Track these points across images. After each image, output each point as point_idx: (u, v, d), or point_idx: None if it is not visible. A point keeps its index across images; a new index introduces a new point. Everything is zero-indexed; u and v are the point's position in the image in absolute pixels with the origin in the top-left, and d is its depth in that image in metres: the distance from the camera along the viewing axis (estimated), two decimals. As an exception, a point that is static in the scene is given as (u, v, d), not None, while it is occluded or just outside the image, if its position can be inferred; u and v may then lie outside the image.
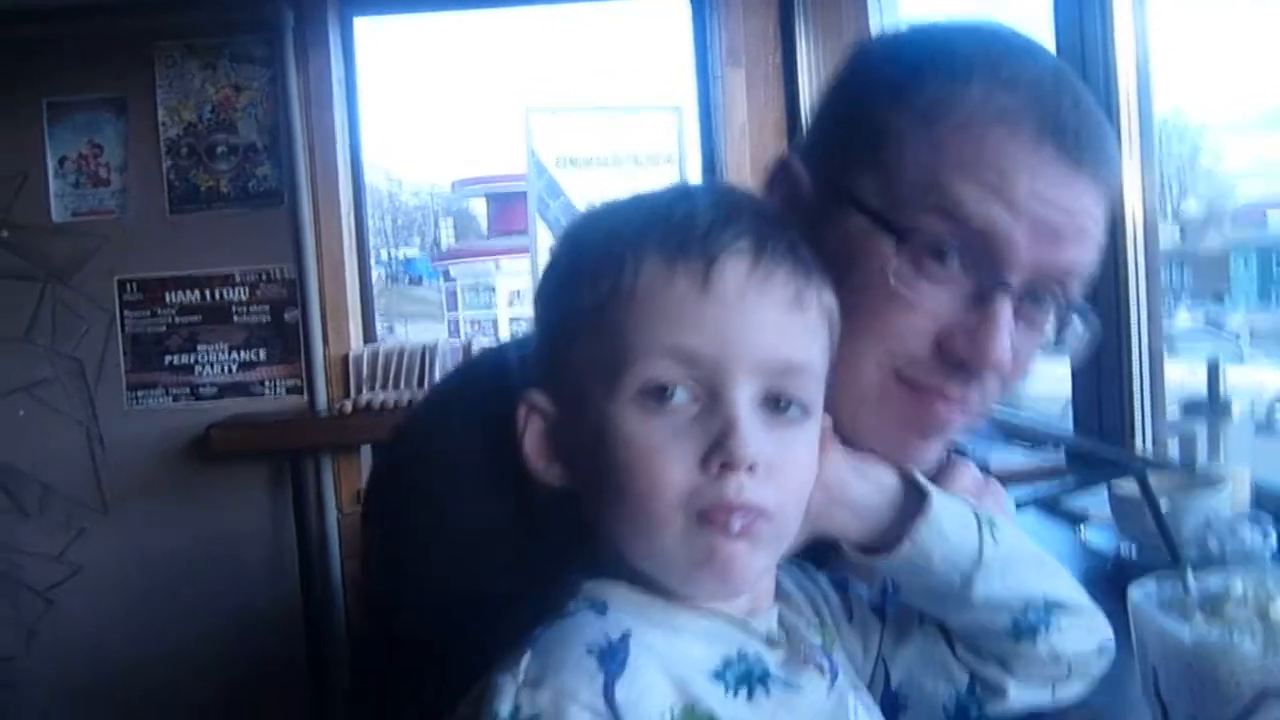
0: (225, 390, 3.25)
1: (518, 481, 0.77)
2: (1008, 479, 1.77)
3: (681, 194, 0.77)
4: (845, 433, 0.81)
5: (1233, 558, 1.24)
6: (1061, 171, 0.80)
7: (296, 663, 3.16)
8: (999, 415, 2.47)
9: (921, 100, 0.82)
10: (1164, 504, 1.31)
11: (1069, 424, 2.14)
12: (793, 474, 0.72)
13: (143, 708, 3.13)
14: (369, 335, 3.48)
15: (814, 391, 0.74)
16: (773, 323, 0.71)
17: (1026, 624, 0.81)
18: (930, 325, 0.82)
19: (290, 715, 3.19)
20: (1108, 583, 1.19)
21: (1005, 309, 0.81)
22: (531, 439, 0.76)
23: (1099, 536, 1.44)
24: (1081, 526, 1.48)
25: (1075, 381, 2.07)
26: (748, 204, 0.77)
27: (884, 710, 0.83)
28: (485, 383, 0.86)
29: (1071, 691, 0.87)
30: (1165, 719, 0.70)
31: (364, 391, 3.21)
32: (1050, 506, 1.63)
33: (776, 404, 0.71)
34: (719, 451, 0.68)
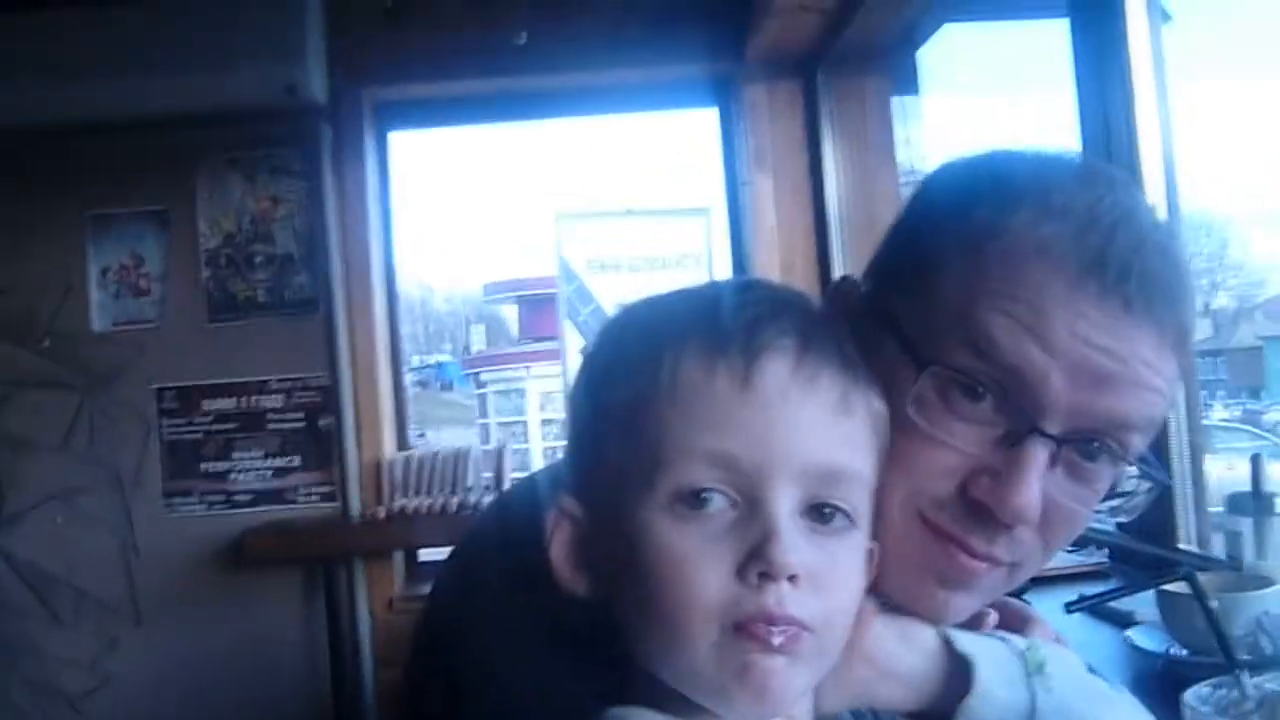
0: (260, 497, 3.25)
1: (556, 615, 0.74)
2: (1051, 580, 1.75)
3: (725, 289, 0.74)
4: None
5: (1286, 659, 1.21)
6: (1109, 312, 0.74)
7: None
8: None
9: (967, 227, 0.78)
10: (1213, 604, 1.29)
11: (1111, 523, 2.11)
12: (838, 587, 0.68)
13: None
14: (402, 442, 3.49)
15: (861, 501, 0.70)
16: (817, 426, 0.67)
17: None
18: (957, 466, 0.77)
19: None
20: (1159, 685, 1.16)
21: (1035, 456, 0.75)
22: (559, 547, 0.73)
23: (1147, 638, 1.40)
24: (1129, 628, 1.45)
25: (1115, 479, 2.05)
26: (795, 301, 0.74)
27: None
28: (518, 522, 0.83)
29: None
30: (1228, 829, 0.68)
31: (397, 498, 3.21)
32: (1096, 609, 1.60)
33: (820, 513, 0.68)
34: (757, 560, 0.64)
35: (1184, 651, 1.33)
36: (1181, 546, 1.88)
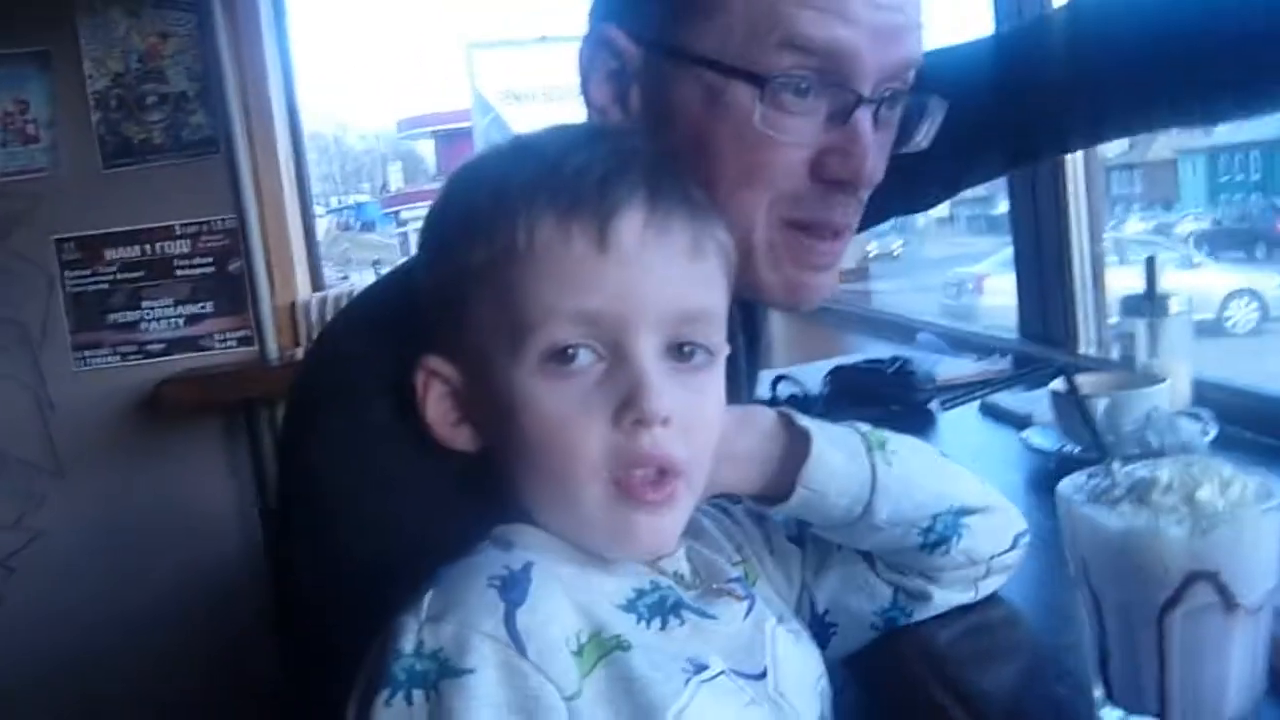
0: (173, 345, 3.20)
1: (425, 442, 0.74)
2: (960, 387, 1.79)
3: (570, 142, 0.75)
4: (741, 291, 0.82)
5: (1171, 451, 1.26)
6: None
7: (265, 610, 3.16)
8: (947, 328, 2.49)
9: None
10: (1105, 403, 1.32)
11: (1015, 332, 2.15)
12: (703, 423, 0.72)
13: (112, 667, 3.12)
14: (317, 283, 3.44)
15: (717, 334, 0.74)
16: (673, 274, 0.71)
17: (937, 535, 0.83)
18: (804, 158, 0.84)
19: (262, 664, 3.19)
20: (1051, 481, 1.20)
21: (867, 121, 0.84)
22: (434, 405, 0.74)
23: (1042, 438, 1.45)
24: (1025, 429, 1.50)
25: (1020, 289, 2.09)
26: (639, 150, 0.75)
27: (814, 635, 0.84)
28: (390, 314, 0.81)
29: (993, 585, 0.90)
30: (1097, 608, 0.71)
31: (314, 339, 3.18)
32: (994, 411, 1.64)
33: (680, 351, 0.71)
34: (630, 409, 0.68)
35: (1075, 449, 1.38)
36: (1080, 351, 1.93)
